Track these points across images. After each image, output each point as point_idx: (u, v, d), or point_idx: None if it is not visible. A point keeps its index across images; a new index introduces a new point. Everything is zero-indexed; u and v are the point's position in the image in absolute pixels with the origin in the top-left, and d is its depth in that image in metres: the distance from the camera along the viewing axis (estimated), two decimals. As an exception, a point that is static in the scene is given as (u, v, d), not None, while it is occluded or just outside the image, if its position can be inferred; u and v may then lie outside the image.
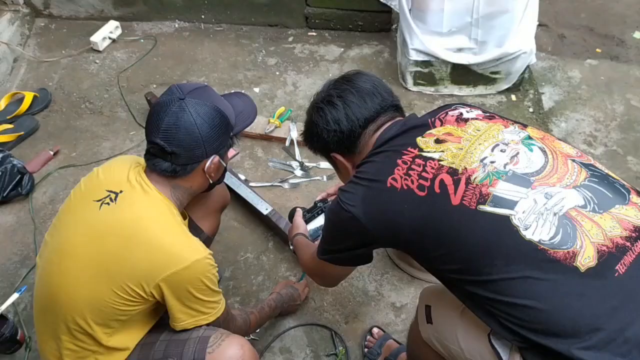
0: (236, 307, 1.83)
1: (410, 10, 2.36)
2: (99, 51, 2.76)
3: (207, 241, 1.62)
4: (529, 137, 1.10)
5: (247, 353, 1.26)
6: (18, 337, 1.73)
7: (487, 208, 0.99)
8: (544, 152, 1.07)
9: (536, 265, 0.95)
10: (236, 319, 1.44)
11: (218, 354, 1.23)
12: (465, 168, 1.04)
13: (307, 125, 1.32)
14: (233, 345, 1.25)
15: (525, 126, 1.15)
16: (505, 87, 2.51)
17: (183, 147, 1.22)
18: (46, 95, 2.53)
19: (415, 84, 2.53)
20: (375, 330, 1.77)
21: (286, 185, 2.19)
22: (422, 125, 1.15)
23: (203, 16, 2.90)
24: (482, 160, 1.04)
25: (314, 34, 2.86)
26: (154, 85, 2.60)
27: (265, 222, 2.04)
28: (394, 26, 2.82)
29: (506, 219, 0.98)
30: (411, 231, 1.07)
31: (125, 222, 1.21)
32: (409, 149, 1.10)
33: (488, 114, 1.17)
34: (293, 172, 2.24)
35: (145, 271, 1.18)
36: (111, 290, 1.18)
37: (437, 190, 1.03)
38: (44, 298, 1.28)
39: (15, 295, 1.78)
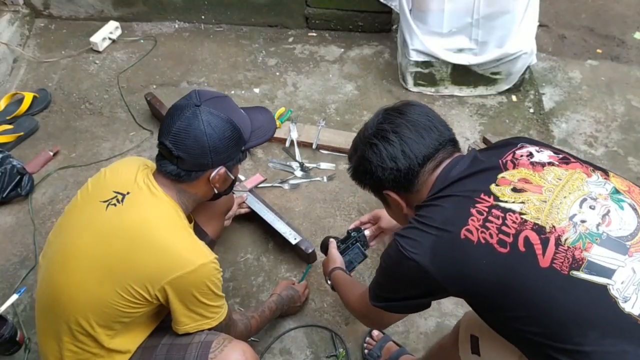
0: (236, 308, 1.83)
1: (410, 10, 2.36)
2: (98, 51, 2.75)
3: (211, 244, 1.62)
4: (617, 191, 1.03)
5: (250, 359, 1.26)
6: (17, 339, 1.73)
7: (581, 275, 0.94)
8: (636, 210, 1.00)
9: (636, 340, 0.91)
10: (237, 324, 1.44)
11: (220, 360, 1.23)
12: (554, 226, 0.97)
13: (359, 162, 1.21)
14: (236, 351, 1.25)
15: (607, 174, 1.07)
16: (506, 87, 2.51)
17: (189, 153, 1.23)
18: (46, 95, 2.53)
19: (416, 84, 2.53)
20: (375, 332, 1.76)
21: (286, 186, 2.19)
22: (493, 168, 1.08)
23: (203, 16, 2.90)
24: (571, 218, 0.98)
25: (314, 34, 2.86)
26: (154, 86, 2.60)
27: (265, 223, 2.03)
28: (394, 27, 2.81)
29: (603, 288, 0.93)
30: (489, 289, 1.00)
31: (131, 223, 1.21)
32: (483, 196, 1.02)
33: (561, 156, 1.10)
34: (293, 173, 2.23)
35: (151, 273, 1.18)
36: (115, 291, 1.18)
37: (521, 248, 0.96)
38: (47, 298, 1.28)
39: (14, 297, 1.78)
